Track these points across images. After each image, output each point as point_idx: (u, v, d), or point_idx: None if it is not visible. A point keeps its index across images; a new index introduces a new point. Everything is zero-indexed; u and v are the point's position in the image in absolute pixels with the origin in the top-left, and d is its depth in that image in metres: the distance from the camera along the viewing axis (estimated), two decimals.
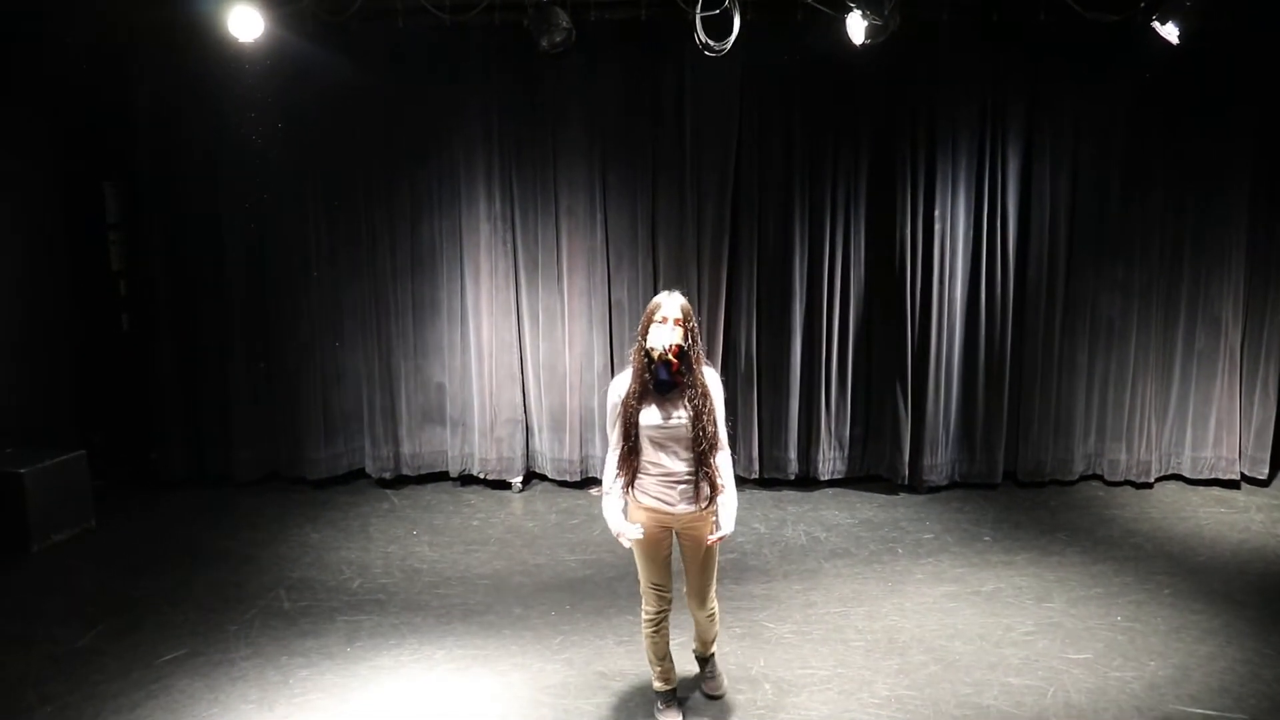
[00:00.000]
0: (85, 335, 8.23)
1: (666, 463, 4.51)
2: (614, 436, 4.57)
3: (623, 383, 4.55)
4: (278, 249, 8.20)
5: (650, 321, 4.47)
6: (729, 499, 4.58)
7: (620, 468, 4.56)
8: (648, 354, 4.44)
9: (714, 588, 4.85)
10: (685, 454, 4.50)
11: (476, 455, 8.32)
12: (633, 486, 4.57)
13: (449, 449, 8.41)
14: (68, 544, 7.21)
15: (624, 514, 4.62)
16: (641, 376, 4.48)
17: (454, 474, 8.43)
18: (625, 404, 4.49)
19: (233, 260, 8.20)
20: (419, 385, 8.36)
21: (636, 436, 4.50)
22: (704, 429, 4.46)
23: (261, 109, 7.91)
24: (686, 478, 4.52)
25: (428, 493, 8.29)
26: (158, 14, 7.53)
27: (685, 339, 4.44)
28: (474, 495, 8.22)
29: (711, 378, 4.59)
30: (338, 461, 8.40)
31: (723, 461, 4.59)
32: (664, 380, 4.43)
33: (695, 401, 4.45)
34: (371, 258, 8.17)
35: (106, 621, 5.99)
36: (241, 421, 8.34)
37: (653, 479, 4.53)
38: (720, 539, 4.56)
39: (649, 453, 4.51)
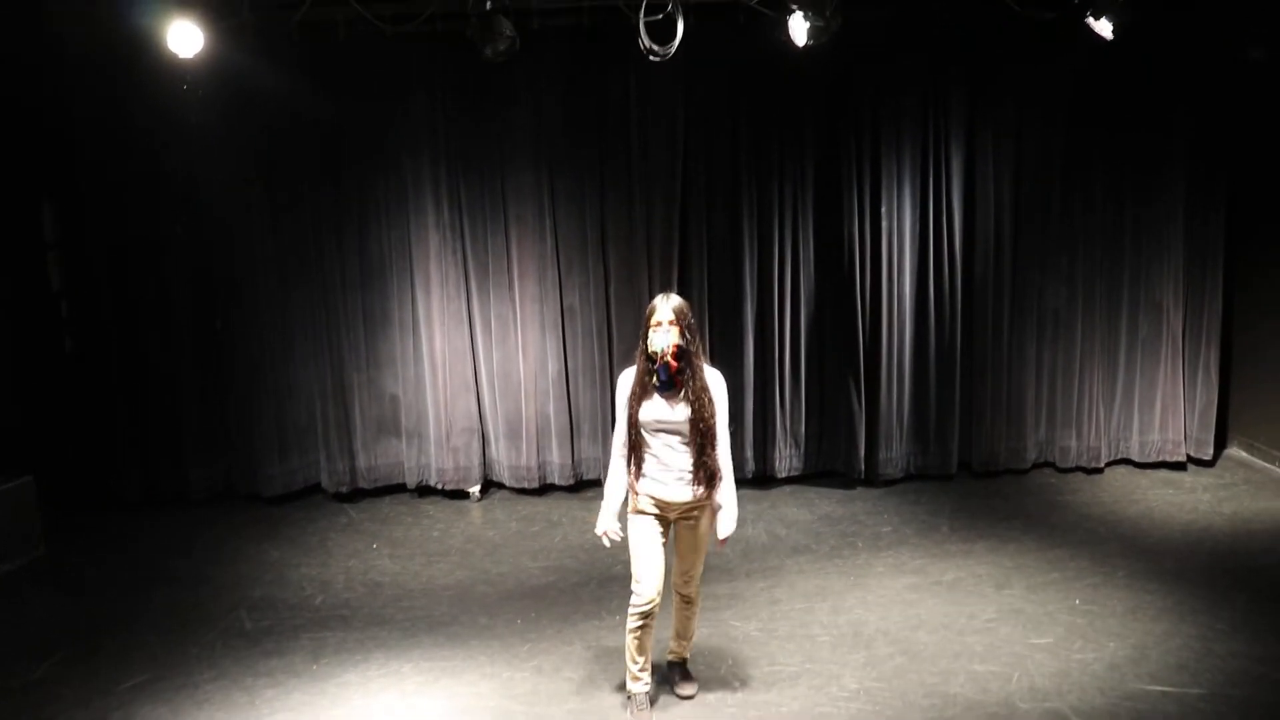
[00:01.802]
0: (26, 358, 8.05)
1: (666, 456, 4.69)
2: (620, 430, 4.77)
3: (629, 377, 4.76)
4: (224, 265, 8.11)
5: (648, 327, 4.66)
6: (729, 501, 4.77)
7: (627, 458, 4.77)
8: (649, 357, 4.64)
9: (701, 569, 5.00)
10: (683, 448, 4.68)
11: (433, 466, 8.28)
12: (635, 478, 4.75)
13: (405, 460, 8.36)
14: (17, 573, 7.05)
15: (623, 505, 4.83)
16: (644, 379, 4.68)
17: (411, 485, 8.38)
18: (629, 402, 4.70)
19: (178, 277, 8.10)
20: (372, 398, 8.30)
21: (638, 432, 4.69)
22: (702, 423, 4.64)
23: (203, 125, 7.82)
24: (685, 470, 4.69)
25: (385, 505, 8.23)
26: (95, 30, 7.40)
27: (682, 337, 4.62)
28: (432, 506, 8.18)
29: (713, 376, 4.77)
30: (293, 477, 8.31)
31: (723, 457, 4.75)
32: (665, 381, 4.64)
33: (695, 397, 4.64)
34: (320, 271, 8.10)
35: (62, 651, 5.85)
36: (193, 440, 8.23)
37: (653, 470, 4.71)
38: (724, 540, 4.81)
39: (650, 446, 4.70)
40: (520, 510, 8.03)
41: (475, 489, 8.29)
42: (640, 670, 4.91)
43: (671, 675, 5.21)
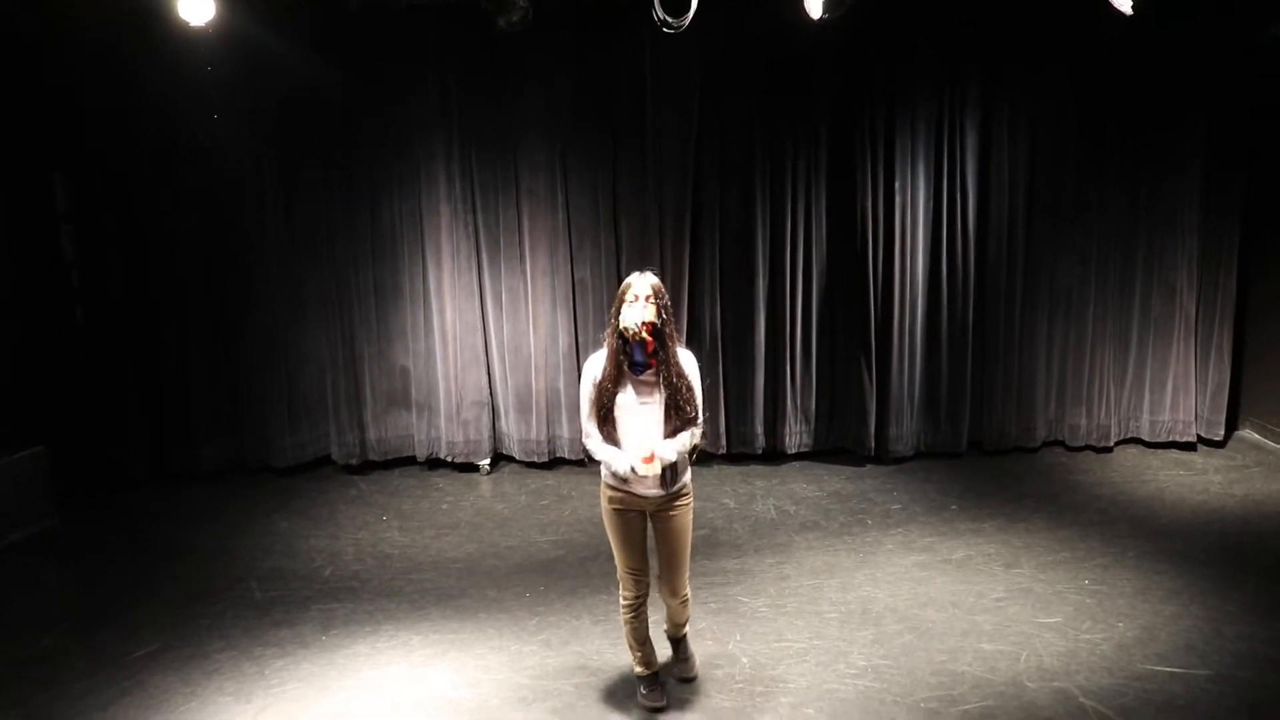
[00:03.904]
0: (38, 329, 8.04)
1: (640, 446, 4.43)
2: (589, 418, 4.53)
3: (598, 363, 4.50)
4: (236, 236, 8.10)
5: (622, 302, 4.41)
6: (680, 442, 4.46)
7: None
8: (621, 335, 4.39)
9: (687, 576, 4.81)
10: (659, 437, 4.46)
11: (443, 439, 8.29)
12: (609, 473, 4.54)
13: (415, 433, 8.37)
14: (28, 543, 7.09)
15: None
16: (616, 358, 4.43)
17: (421, 458, 8.40)
18: (600, 387, 4.45)
19: (191, 249, 8.09)
20: (383, 370, 8.31)
21: (612, 419, 4.47)
22: (679, 410, 4.43)
23: (214, 95, 7.79)
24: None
25: (395, 478, 8.25)
26: None
27: (658, 316, 4.38)
28: (442, 479, 8.19)
29: (686, 358, 4.54)
30: (303, 449, 8.33)
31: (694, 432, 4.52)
32: (639, 361, 4.41)
33: (670, 382, 4.42)
34: (331, 243, 8.09)
35: (73, 620, 5.89)
36: (204, 412, 8.25)
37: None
38: (650, 456, 4.38)
39: (623, 436, 4.47)
40: (530, 484, 8.04)
41: (485, 462, 8.30)
42: (644, 656, 4.88)
43: (674, 655, 5.14)
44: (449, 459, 8.30)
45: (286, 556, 6.74)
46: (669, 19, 6.68)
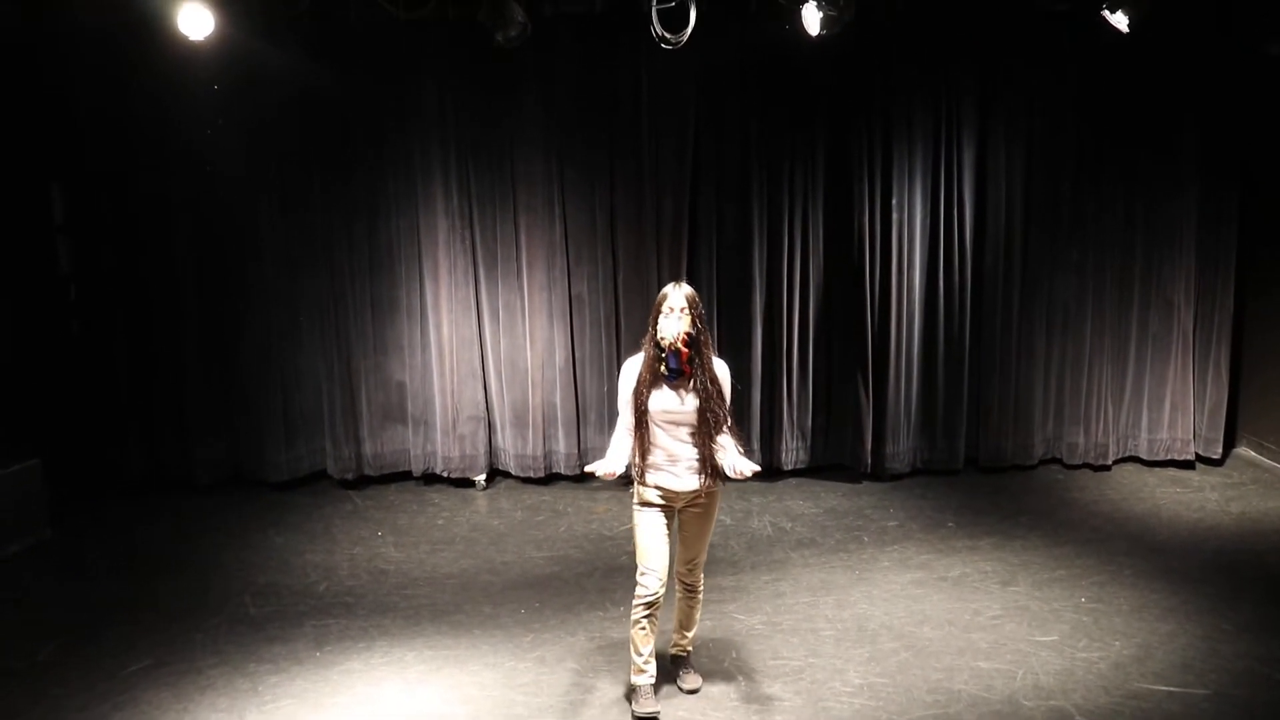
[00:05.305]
0: (34, 341, 8.03)
1: (673, 446, 4.71)
2: (624, 416, 4.78)
3: (634, 367, 4.75)
4: (233, 249, 8.08)
5: (659, 313, 4.66)
6: (728, 452, 4.72)
7: (632, 445, 4.77)
8: (658, 344, 4.63)
9: (704, 559, 5.02)
10: (691, 438, 4.70)
11: (439, 454, 8.27)
12: (642, 466, 4.75)
13: (411, 448, 8.34)
14: (23, 555, 7.04)
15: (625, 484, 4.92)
16: (653, 365, 4.66)
17: (417, 473, 8.37)
18: (636, 390, 4.69)
19: (187, 262, 8.08)
20: (379, 384, 8.29)
21: (646, 421, 4.69)
22: (711, 414, 4.66)
23: (213, 108, 7.79)
24: (691, 460, 4.72)
25: (391, 493, 8.22)
26: (105, 10, 7.35)
27: (693, 326, 4.62)
28: (438, 494, 8.17)
29: (720, 366, 4.78)
30: (299, 463, 8.30)
31: (723, 437, 4.75)
32: (674, 369, 4.63)
33: (703, 388, 4.65)
34: (329, 256, 8.08)
35: (66, 634, 5.85)
36: (200, 425, 8.22)
37: (660, 461, 4.72)
38: (743, 474, 4.67)
39: (657, 436, 4.71)
40: (526, 499, 8.02)
41: (481, 477, 8.28)
42: (645, 663, 4.89)
43: (675, 669, 5.21)
44: (445, 474, 8.28)
45: (281, 571, 6.71)
46: (667, 35, 6.70)
